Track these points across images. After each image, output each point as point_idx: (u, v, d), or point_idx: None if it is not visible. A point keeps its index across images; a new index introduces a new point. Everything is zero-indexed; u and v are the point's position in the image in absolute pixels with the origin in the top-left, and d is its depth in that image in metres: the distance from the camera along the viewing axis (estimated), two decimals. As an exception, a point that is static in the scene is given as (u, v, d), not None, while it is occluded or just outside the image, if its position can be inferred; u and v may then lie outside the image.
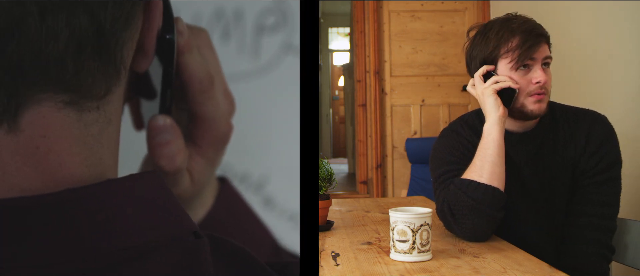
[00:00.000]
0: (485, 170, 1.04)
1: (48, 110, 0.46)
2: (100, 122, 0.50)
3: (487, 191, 1.02)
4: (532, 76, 1.07)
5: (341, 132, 7.58)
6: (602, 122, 1.11)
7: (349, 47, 6.52)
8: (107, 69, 0.48)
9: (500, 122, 1.07)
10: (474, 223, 1.02)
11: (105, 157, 0.51)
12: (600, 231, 1.06)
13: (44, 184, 0.46)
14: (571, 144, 1.11)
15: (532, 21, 1.10)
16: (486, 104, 1.10)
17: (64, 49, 0.45)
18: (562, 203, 1.12)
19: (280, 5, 1.17)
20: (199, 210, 0.73)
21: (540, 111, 1.09)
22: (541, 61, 1.08)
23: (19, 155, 0.46)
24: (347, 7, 5.09)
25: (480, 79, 1.12)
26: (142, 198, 0.49)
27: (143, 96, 0.66)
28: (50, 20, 0.44)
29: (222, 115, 0.67)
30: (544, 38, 1.08)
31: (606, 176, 1.08)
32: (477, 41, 1.14)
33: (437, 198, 1.12)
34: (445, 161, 1.16)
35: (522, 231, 1.13)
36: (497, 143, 1.06)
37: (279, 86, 1.15)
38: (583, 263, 1.06)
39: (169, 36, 0.60)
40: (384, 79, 3.34)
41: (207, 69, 0.65)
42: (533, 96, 1.08)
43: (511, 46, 1.07)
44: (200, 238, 0.50)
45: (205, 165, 0.69)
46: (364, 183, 3.44)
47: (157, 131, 0.61)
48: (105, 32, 0.47)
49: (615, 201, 1.09)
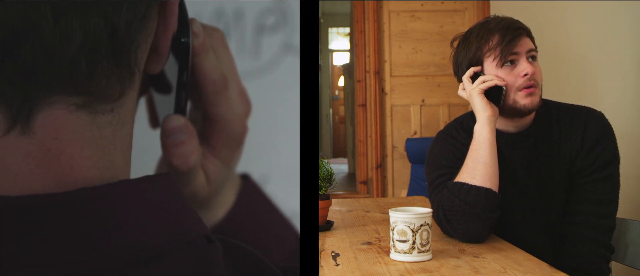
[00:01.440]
0: (477, 171, 1.03)
1: (61, 112, 0.46)
2: (113, 125, 0.49)
3: (479, 193, 1.01)
4: (519, 70, 1.07)
5: (341, 132, 7.58)
6: (598, 119, 1.10)
7: (349, 47, 6.52)
8: (121, 71, 0.48)
9: (490, 122, 1.07)
10: (468, 227, 1.02)
11: (117, 159, 0.50)
12: (598, 230, 1.06)
13: (56, 186, 0.46)
14: (567, 142, 1.11)
15: (508, 18, 1.11)
16: (475, 104, 1.10)
17: (78, 51, 0.45)
18: (559, 202, 1.11)
19: (280, 5, 1.17)
20: (218, 210, 0.73)
21: (532, 105, 1.08)
22: (525, 53, 1.08)
23: (31, 157, 0.46)
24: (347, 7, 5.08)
25: (468, 81, 1.12)
26: (154, 200, 0.49)
27: (158, 90, 0.66)
28: (64, 23, 0.44)
29: (237, 116, 0.67)
30: (524, 31, 1.09)
31: (603, 173, 1.07)
32: (461, 48, 1.16)
33: (432, 203, 1.12)
34: (439, 164, 1.16)
35: (518, 230, 1.13)
36: (489, 143, 1.05)
37: (279, 86, 1.15)
38: (581, 262, 1.05)
39: (184, 39, 0.59)
40: (384, 79, 3.34)
41: (221, 70, 0.65)
42: (523, 90, 1.07)
43: (492, 44, 1.08)
44: (212, 242, 0.50)
45: (221, 165, 0.69)
46: (364, 183, 3.44)
47: (171, 131, 0.61)
48: (119, 35, 0.46)
49: (614, 199, 1.08)
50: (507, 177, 1.12)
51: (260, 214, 0.77)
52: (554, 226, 1.12)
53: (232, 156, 0.69)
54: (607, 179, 1.07)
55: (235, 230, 0.72)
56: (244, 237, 0.68)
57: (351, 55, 4.58)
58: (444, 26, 3.35)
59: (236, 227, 0.73)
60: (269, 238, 0.75)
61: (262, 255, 0.53)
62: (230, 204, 0.74)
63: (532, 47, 1.09)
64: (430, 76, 3.33)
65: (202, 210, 0.71)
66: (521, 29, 1.09)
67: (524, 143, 1.13)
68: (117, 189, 0.47)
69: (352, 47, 4.37)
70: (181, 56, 0.60)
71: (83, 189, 0.46)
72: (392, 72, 3.34)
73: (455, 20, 3.35)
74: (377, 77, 3.33)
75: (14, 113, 0.45)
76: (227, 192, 0.74)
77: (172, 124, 0.61)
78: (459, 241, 1.05)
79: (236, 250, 0.52)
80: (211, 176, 0.68)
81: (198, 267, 0.47)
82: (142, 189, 0.49)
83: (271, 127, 1.13)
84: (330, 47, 8.04)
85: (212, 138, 0.67)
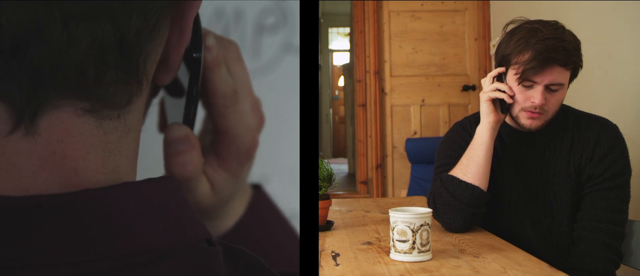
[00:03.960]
0: (470, 169, 1.11)
1: (67, 116, 0.46)
2: (119, 131, 0.49)
3: (467, 188, 1.09)
4: (530, 94, 1.07)
5: (341, 132, 7.58)
6: (612, 131, 1.11)
7: (349, 47, 6.52)
8: (129, 79, 0.48)
9: (491, 128, 1.12)
10: (450, 217, 1.11)
11: (122, 165, 0.50)
12: (609, 236, 1.06)
13: (59, 188, 0.46)
14: (579, 148, 1.12)
15: (553, 40, 1.03)
16: (481, 107, 1.15)
17: (85, 56, 0.44)
18: (562, 205, 1.12)
19: (280, 5, 1.17)
20: (227, 220, 0.73)
21: (531, 127, 1.10)
22: (543, 85, 1.05)
23: (36, 159, 0.46)
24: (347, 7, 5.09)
25: (489, 80, 1.14)
26: (156, 202, 0.49)
27: (171, 94, 0.66)
28: (72, 27, 0.43)
29: (248, 129, 0.67)
30: (557, 61, 1.03)
31: (614, 183, 1.08)
32: (505, 38, 1.12)
33: (431, 188, 1.19)
34: (445, 154, 1.24)
35: (522, 228, 1.15)
36: (486, 146, 1.11)
37: (279, 86, 1.15)
38: (590, 265, 1.05)
39: (196, 54, 0.59)
40: (384, 79, 3.34)
41: (232, 85, 0.65)
42: (527, 112, 1.09)
43: (520, 59, 1.06)
44: (213, 245, 0.50)
45: (228, 177, 0.68)
46: (364, 183, 3.44)
47: (172, 140, 0.62)
48: (128, 43, 0.46)
49: (624, 209, 1.09)
50: (518, 173, 1.15)
51: (270, 225, 0.77)
52: (557, 227, 1.13)
53: (242, 168, 0.69)
54: (617, 188, 1.08)
55: (244, 240, 0.72)
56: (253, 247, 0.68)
57: (351, 55, 4.58)
58: (444, 26, 3.35)
59: (245, 237, 0.73)
60: (277, 249, 0.75)
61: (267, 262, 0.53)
62: (239, 214, 0.74)
63: (557, 80, 1.05)
64: (430, 76, 3.33)
65: (210, 220, 0.71)
66: (554, 60, 1.03)
67: (537, 143, 1.15)
68: (119, 190, 0.47)
69: (352, 47, 4.37)
70: (192, 69, 0.60)
71: (85, 191, 0.46)
72: (392, 72, 3.34)
73: (455, 20, 3.35)
74: (377, 77, 3.33)
75: (18, 113, 0.45)
76: (237, 203, 0.74)
77: (174, 133, 0.62)
78: (459, 240, 1.05)
79: (237, 255, 0.52)
80: (217, 186, 0.68)
81: (199, 270, 0.47)
82: (144, 191, 0.49)
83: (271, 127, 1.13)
84: (330, 47, 8.04)
85: (221, 150, 0.67)
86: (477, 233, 1.12)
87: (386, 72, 3.34)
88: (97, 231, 0.45)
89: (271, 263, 0.56)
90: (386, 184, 3.33)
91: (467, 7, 3.35)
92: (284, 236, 0.77)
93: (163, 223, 0.48)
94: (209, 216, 0.70)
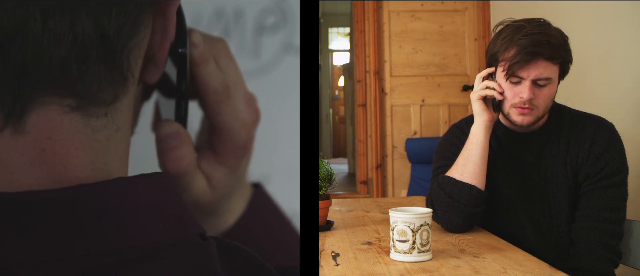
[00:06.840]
0: (467, 169, 1.11)
1: (54, 113, 0.46)
2: (108, 129, 0.50)
3: (464, 188, 1.09)
4: (519, 90, 1.07)
5: (341, 132, 7.57)
6: (608, 129, 1.11)
7: (349, 47, 6.52)
8: (113, 76, 0.48)
9: (485, 127, 1.13)
10: (449, 218, 1.11)
11: (112, 163, 0.51)
12: (608, 235, 1.06)
13: (50, 184, 0.47)
14: (575, 148, 1.12)
15: (537, 35, 1.04)
16: (474, 107, 1.16)
17: (68, 53, 0.45)
18: (561, 205, 1.12)
19: (280, 5, 1.17)
20: (227, 217, 0.73)
21: (523, 124, 1.10)
22: (530, 79, 1.05)
23: (26, 156, 0.46)
24: (347, 7, 5.08)
25: (479, 80, 1.16)
26: (149, 197, 0.49)
27: (163, 94, 0.66)
28: (53, 24, 0.44)
29: (242, 124, 0.68)
30: (541, 55, 1.03)
31: (611, 181, 1.08)
32: (493, 38, 1.14)
33: (429, 190, 1.19)
34: (442, 156, 1.24)
35: (521, 229, 1.15)
36: (481, 145, 1.12)
37: (279, 86, 1.15)
38: (589, 265, 1.05)
39: (181, 50, 0.60)
40: (384, 79, 3.34)
41: (223, 80, 0.65)
42: (517, 108, 1.09)
43: (507, 55, 1.07)
44: (206, 240, 0.50)
45: (226, 172, 0.69)
46: (364, 183, 3.44)
47: (164, 136, 0.63)
48: (110, 39, 0.46)
49: (621, 207, 1.09)
50: (515, 174, 1.15)
51: (271, 223, 0.77)
52: (556, 227, 1.13)
53: (239, 163, 0.70)
54: (614, 187, 1.08)
55: (244, 237, 0.73)
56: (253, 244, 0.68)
57: (351, 55, 4.58)
58: (444, 26, 3.35)
59: (245, 234, 0.73)
60: (277, 246, 0.75)
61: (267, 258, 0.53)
62: (240, 211, 0.75)
63: (543, 74, 1.04)
64: (430, 76, 3.33)
65: (210, 217, 0.71)
66: (539, 54, 1.03)
67: (533, 143, 1.15)
68: (113, 186, 0.48)
69: (352, 47, 4.37)
70: (179, 66, 0.60)
71: (79, 186, 0.46)
72: (392, 72, 3.34)
73: (455, 20, 3.35)
74: (377, 77, 3.33)
75: (6, 112, 0.45)
76: (236, 199, 0.74)
77: (165, 129, 0.63)
78: (459, 240, 1.05)
79: (233, 250, 0.52)
80: (215, 182, 0.68)
81: (193, 264, 0.47)
82: (138, 186, 0.49)
83: (271, 127, 1.13)
84: (330, 47, 8.04)
85: (217, 145, 0.68)
86: (477, 233, 1.12)
87: (386, 72, 3.34)
88: (92, 226, 0.45)
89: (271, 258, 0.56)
90: (386, 184, 3.33)
91: (467, 7, 3.35)
92: (284, 233, 0.78)
93: (157, 218, 0.49)
94: (208, 213, 0.71)
